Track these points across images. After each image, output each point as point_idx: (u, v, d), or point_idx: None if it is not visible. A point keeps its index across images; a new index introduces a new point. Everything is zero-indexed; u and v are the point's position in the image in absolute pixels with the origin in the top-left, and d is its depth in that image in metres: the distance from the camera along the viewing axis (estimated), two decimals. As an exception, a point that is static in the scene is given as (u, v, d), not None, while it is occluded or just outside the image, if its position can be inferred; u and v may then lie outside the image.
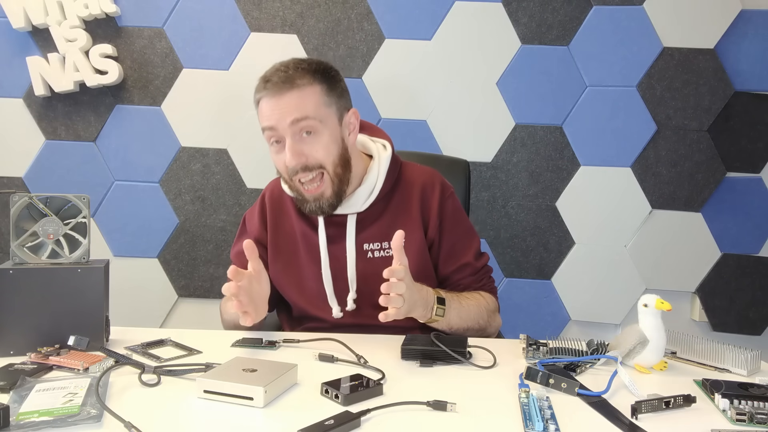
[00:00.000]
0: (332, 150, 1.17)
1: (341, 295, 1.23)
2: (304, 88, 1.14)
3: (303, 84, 1.14)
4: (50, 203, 1.01)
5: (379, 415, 0.76)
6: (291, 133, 1.13)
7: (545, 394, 0.84)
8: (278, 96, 1.13)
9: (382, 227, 1.23)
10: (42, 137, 2.07)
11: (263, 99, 1.15)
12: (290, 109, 1.12)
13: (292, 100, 1.13)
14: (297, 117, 1.12)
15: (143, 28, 2.04)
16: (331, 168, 1.17)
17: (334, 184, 1.17)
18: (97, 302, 0.98)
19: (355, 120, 1.24)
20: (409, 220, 1.24)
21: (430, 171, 1.32)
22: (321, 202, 1.17)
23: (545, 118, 2.04)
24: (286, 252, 1.27)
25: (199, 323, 2.08)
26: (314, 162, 1.15)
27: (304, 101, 1.14)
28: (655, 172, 2.04)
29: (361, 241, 1.23)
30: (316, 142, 1.15)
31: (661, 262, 2.05)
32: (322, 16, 2.04)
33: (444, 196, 1.27)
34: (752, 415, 0.78)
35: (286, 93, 1.13)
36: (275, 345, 1.05)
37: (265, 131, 1.16)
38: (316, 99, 1.15)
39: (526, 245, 2.07)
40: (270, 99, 1.14)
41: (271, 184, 1.35)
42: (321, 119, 1.15)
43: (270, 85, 1.14)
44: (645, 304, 0.97)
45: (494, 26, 2.02)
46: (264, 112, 1.15)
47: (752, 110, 2.00)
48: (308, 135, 1.14)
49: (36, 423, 0.70)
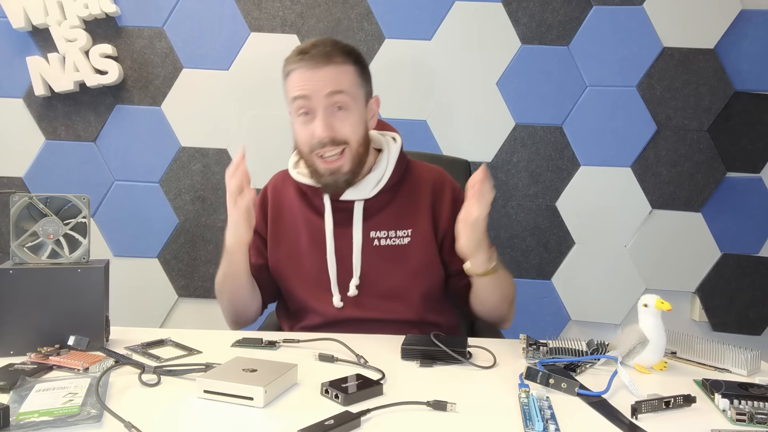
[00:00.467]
0: (359, 129, 1.20)
1: (343, 283, 1.23)
2: (341, 66, 1.17)
3: (340, 62, 1.17)
4: (50, 203, 1.01)
5: (379, 415, 0.76)
6: (324, 104, 1.15)
7: (545, 394, 0.84)
8: (315, 68, 1.15)
9: (389, 216, 1.25)
10: (42, 137, 2.07)
11: (297, 70, 1.16)
12: (327, 81, 1.15)
13: (329, 74, 1.15)
14: (334, 89, 1.15)
15: (143, 28, 2.04)
16: (354, 146, 1.19)
17: (353, 161, 1.19)
18: (97, 302, 0.98)
19: (376, 107, 1.28)
20: (418, 212, 1.26)
21: (439, 169, 1.35)
22: (337, 176, 1.19)
23: (545, 118, 2.04)
24: (286, 241, 1.27)
25: (199, 323, 2.09)
26: (342, 137, 1.17)
27: (340, 77, 1.16)
28: (655, 172, 2.04)
29: (368, 229, 1.24)
30: (347, 118, 1.17)
31: (661, 262, 2.05)
32: (322, 16, 2.04)
33: (456, 191, 1.30)
34: (752, 415, 0.78)
35: (323, 67, 1.15)
36: (275, 345, 1.05)
37: (296, 101, 1.17)
38: (351, 77, 1.19)
39: (526, 245, 2.07)
40: (306, 70, 1.15)
41: (274, 178, 1.37)
42: (354, 97, 1.18)
43: (308, 57, 1.15)
44: (645, 304, 0.97)
45: (494, 26, 2.02)
46: (297, 82, 1.16)
47: (752, 110, 2.00)
48: (340, 110, 1.17)
49: (36, 423, 0.70)
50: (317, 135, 1.15)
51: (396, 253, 1.24)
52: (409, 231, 1.25)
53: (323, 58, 1.15)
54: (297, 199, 1.29)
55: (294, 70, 1.17)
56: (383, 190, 1.24)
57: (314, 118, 1.16)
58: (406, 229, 1.25)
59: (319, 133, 1.15)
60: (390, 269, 1.23)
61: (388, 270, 1.23)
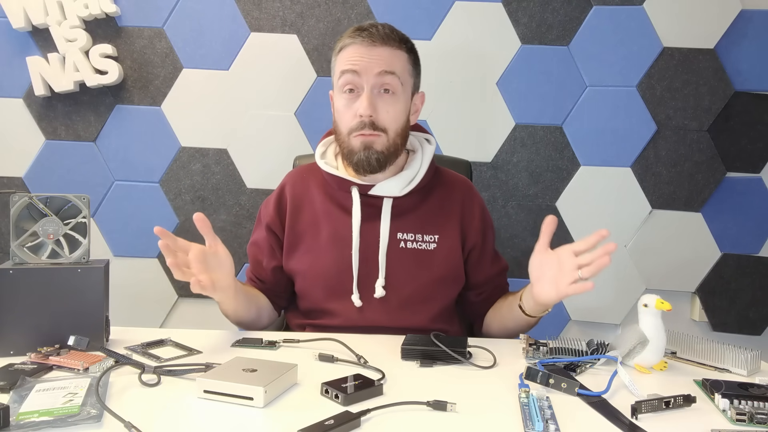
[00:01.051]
0: (400, 119, 1.19)
1: (364, 283, 1.19)
2: (396, 50, 1.18)
3: (395, 46, 1.18)
4: (50, 203, 1.01)
5: (379, 415, 0.76)
6: (373, 83, 1.15)
7: (545, 394, 0.84)
8: (371, 45, 1.15)
9: (417, 219, 1.22)
10: (42, 137, 2.07)
11: (352, 46, 1.16)
12: (381, 60, 1.15)
13: (385, 54, 1.15)
14: (386, 69, 1.14)
15: (143, 28, 2.04)
16: (392, 135, 1.18)
17: (387, 147, 1.17)
18: (97, 302, 0.98)
19: (420, 103, 1.27)
20: (447, 219, 1.24)
21: (466, 179, 1.35)
22: (370, 152, 1.16)
23: (545, 118, 2.04)
24: (305, 238, 1.24)
25: (199, 323, 2.08)
26: (382, 124, 1.16)
27: (395, 59, 1.17)
28: (655, 172, 2.04)
29: (395, 229, 1.21)
30: (391, 104, 1.17)
31: (661, 262, 2.05)
32: (322, 16, 2.04)
33: (482, 204, 1.30)
34: (752, 415, 0.78)
35: (379, 46, 1.15)
36: (275, 345, 1.05)
37: (344, 75, 1.15)
38: (404, 63, 1.19)
39: (526, 245, 2.07)
40: (360, 47, 1.15)
41: (292, 172, 1.34)
42: (403, 82, 1.18)
43: (365, 35, 1.15)
44: (645, 304, 0.98)
45: (494, 26, 2.02)
46: (349, 57, 1.15)
47: (752, 110, 2.00)
48: (386, 93, 1.16)
49: (36, 423, 0.70)
50: (361, 112, 1.14)
51: (422, 257, 1.21)
52: (436, 237, 1.22)
53: (380, 38, 1.15)
54: (320, 193, 1.25)
55: (348, 45, 1.17)
56: (414, 190, 1.22)
57: (359, 96, 1.15)
58: (433, 235, 1.22)
59: (363, 111, 1.14)
60: (414, 273, 1.20)
61: (412, 274, 1.20)
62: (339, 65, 1.18)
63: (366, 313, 1.19)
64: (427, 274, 1.20)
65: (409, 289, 1.20)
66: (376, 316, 1.18)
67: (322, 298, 1.21)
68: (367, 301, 1.19)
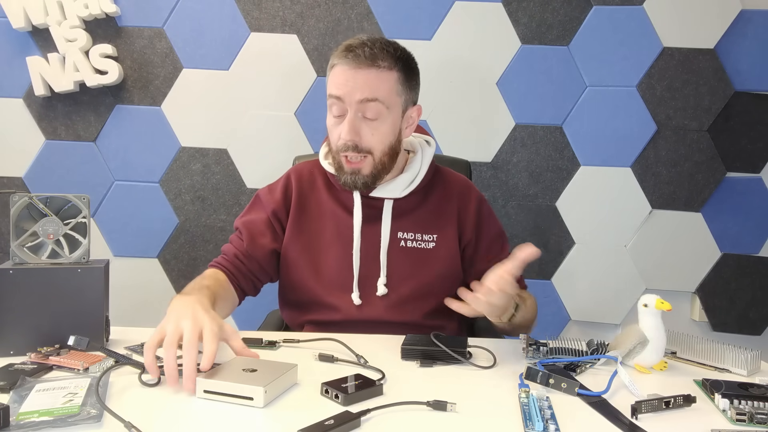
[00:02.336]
0: (387, 140, 1.19)
1: (364, 281, 1.21)
2: (383, 71, 1.15)
3: (384, 66, 1.15)
4: (50, 203, 1.00)
5: (379, 415, 0.76)
6: (355, 110, 1.15)
7: (545, 394, 0.84)
8: (356, 68, 1.13)
9: (417, 219, 1.25)
10: (42, 137, 2.07)
11: (339, 65, 1.15)
12: (364, 86, 1.13)
13: (369, 78, 1.14)
14: (367, 97, 1.13)
15: (143, 28, 2.04)
16: (378, 155, 1.18)
17: (374, 168, 1.18)
18: (97, 302, 0.98)
19: (416, 116, 1.27)
20: (445, 218, 1.26)
21: (465, 178, 1.36)
22: (357, 177, 1.18)
23: (545, 118, 2.04)
24: (308, 232, 1.25)
25: (199, 323, 2.08)
26: (366, 146, 1.16)
27: (379, 83, 1.15)
28: (655, 172, 2.04)
29: (396, 229, 1.23)
30: (375, 128, 1.16)
31: (661, 262, 2.05)
32: (322, 16, 2.04)
33: (480, 201, 1.30)
34: (752, 415, 0.78)
35: (364, 68, 1.14)
36: (275, 345, 1.05)
37: (330, 98, 1.17)
38: (390, 85, 1.16)
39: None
40: (347, 69, 1.14)
41: (296, 168, 1.34)
42: (388, 106, 1.16)
43: (352, 56, 1.14)
44: (645, 304, 0.97)
45: (494, 26, 2.02)
46: (336, 79, 1.16)
47: (752, 110, 2.00)
48: (370, 119, 1.16)
49: (36, 423, 0.70)
50: (342, 137, 1.15)
51: (421, 255, 1.23)
52: (435, 236, 1.25)
53: (367, 59, 1.13)
54: (325, 191, 1.27)
55: (336, 65, 1.16)
56: (414, 191, 1.25)
57: (344, 119, 1.16)
58: (432, 234, 1.24)
59: (344, 136, 1.15)
60: (414, 271, 1.23)
61: (412, 272, 1.22)
62: (328, 86, 1.19)
63: (365, 310, 1.21)
64: (426, 271, 1.23)
65: (408, 286, 1.22)
66: (375, 312, 1.21)
67: (321, 293, 1.23)
68: (367, 298, 1.22)
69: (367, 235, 1.22)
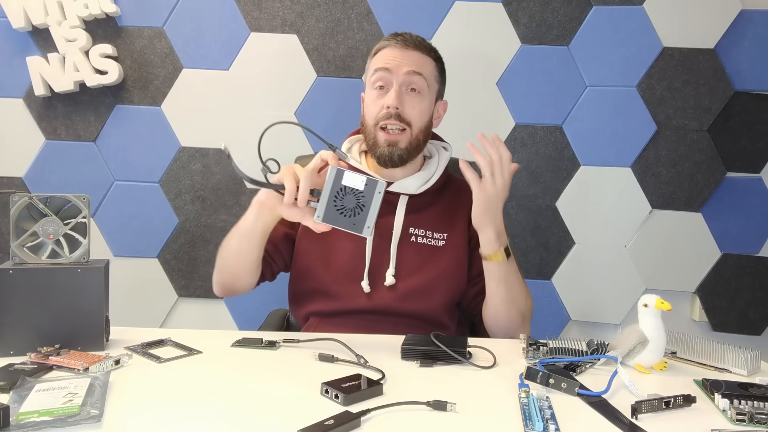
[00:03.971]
0: (424, 117, 1.29)
1: (374, 272, 1.26)
2: (426, 56, 1.30)
3: (425, 53, 1.30)
4: (50, 203, 1.01)
5: (379, 415, 0.76)
6: (402, 81, 1.26)
7: (545, 394, 0.84)
8: (405, 49, 1.27)
9: (429, 217, 1.30)
10: (42, 137, 2.07)
11: (388, 48, 1.28)
12: (412, 61, 1.26)
13: (416, 57, 1.28)
14: (415, 69, 1.26)
15: (143, 28, 2.04)
16: (416, 131, 1.28)
17: (410, 144, 1.27)
18: (97, 302, 0.98)
19: (442, 111, 1.38)
20: (455, 220, 1.32)
21: None
22: (393, 149, 1.26)
23: (545, 118, 2.04)
24: None
25: (199, 323, 2.09)
26: (407, 117, 1.26)
27: (424, 63, 1.29)
28: (655, 172, 2.04)
29: (408, 224, 1.29)
30: (417, 102, 1.27)
31: (661, 262, 2.05)
32: (322, 16, 2.04)
33: None
34: (752, 415, 0.78)
35: (412, 49, 1.28)
36: (275, 345, 1.05)
37: (377, 72, 1.27)
38: (431, 68, 1.31)
39: (526, 245, 2.07)
40: (395, 49, 1.27)
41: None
42: (429, 85, 1.29)
43: (401, 39, 1.28)
44: (645, 304, 0.97)
45: (494, 26, 2.02)
46: (384, 56, 1.27)
47: (752, 110, 2.00)
48: (414, 92, 1.27)
49: (36, 423, 0.70)
50: (388, 102, 1.24)
51: (430, 251, 1.29)
52: (445, 235, 1.30)
53: (413, 43, 1.28)
54: None
55: (384, 47, 1.29)
56: (428, 191, 1.31)
57: (388, 92, 1.25)
58: (442, 233, 1.30)
59: (391, 102, 1.24)
60: (422, 265, 1.27)
61: (420, 265, 1.27)
62: (373, 64, 1.29)
63: (374, 298, 1.25)
64: (433, 266, 1.28)
65: (416, 279, 1.26)
66: (383, 301, 1.25)
67: (330, 281, 1.27)
68: (375, 288, 1.26)
69: (380, 227, 1.26)
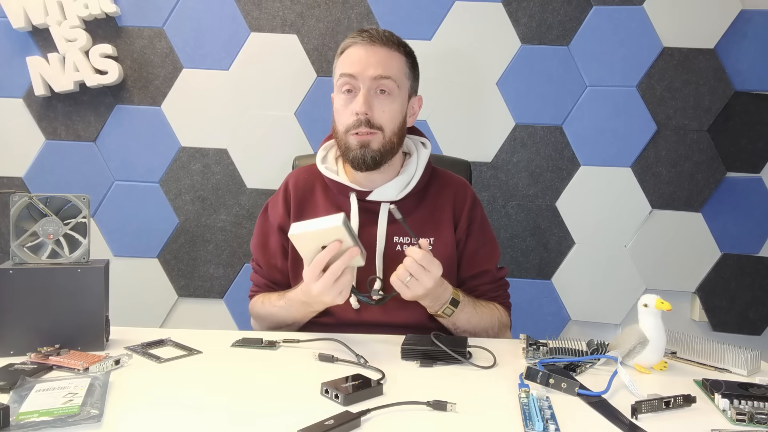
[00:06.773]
0: (396, 118, 1.22)
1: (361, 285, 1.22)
2: (394, 52, 1.23)
3: (394, 48, 1.23)
4: (50, 203, 1.01)
5: (379, 415, 0.76)
6: (369, 86, 1.19)
7: (545, 394, 0.84)
8: (371, 46, 1.20)
9: (413, 223, 1.25)
10: (42, 137, 2.07)
11: (354, 46, 1.21)
12: (378, 63, 1.19)
13: (383, 56, 1.20)
14: (381, 74, 1.19)
15: (143, 28, 2.04)
16: (388, 134, 1.21)
17: (383, 146, 1.21)
18: (97, 302, 0.98)
19: (417, 107, 1.31)
20: (441, 221, 1.27)
21: (461, 178, 1.36)
22: (365, 151, 1.20)
23: (545, 118, 2.04)
24: None
25: (199, 323, 2.08)
26: (378, 122, 1.20)
27: (392, 61, 1.21)
28: (655, 172, 2.04)
29: (392, 233, 1.24)
30: (387, 104, 1.20)
31: (661, 262, 2.05)
32: (322, 16, 2.04)
33: (474, 202, 1.31)
34: (752, 415, 0.78)
35: (379, 47, 1.20)
36: (275, 345, 1.05)
37: (342, 77, 1.21)
38: (400, 65, 1.23)
39: (526, 245, 2.07)
40: (362, 47, 1.20)
41: (294, 173, 1.35)
42: (399, 85, 1.21)
43: (366, 36, 1.21)
44: (645, 304, 0.98)
45: (494, 26, 2.02)
46: (350, 58, 1.20)
47: (752, 110, 2.00)
48: (382, 94, 1.20)
49: (36, 423, 0.70)
50: (356, 109, 1.18)
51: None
52: (432, 240, 1.24)
53: (380, 39, 1.20)
54: (322, 195, 1.28)
55: (350, 46, 1.21)
56: (410, 194, 1.25)
57: (356, 96, 1.19)
58: (428, 237, 1.24)
59: (358, 108, 1.17)
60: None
61: None
62: (339, 67, 1.23)
63: (363, 313, 1.22)
64: None
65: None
66: (373, 315, 1.21)
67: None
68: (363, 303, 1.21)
69: (363, 239, 1.22)
